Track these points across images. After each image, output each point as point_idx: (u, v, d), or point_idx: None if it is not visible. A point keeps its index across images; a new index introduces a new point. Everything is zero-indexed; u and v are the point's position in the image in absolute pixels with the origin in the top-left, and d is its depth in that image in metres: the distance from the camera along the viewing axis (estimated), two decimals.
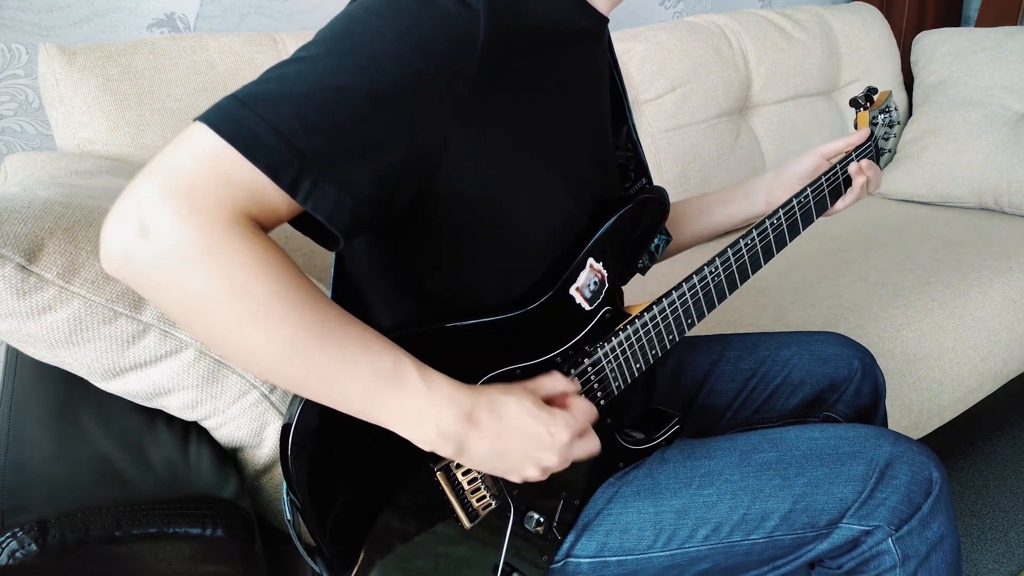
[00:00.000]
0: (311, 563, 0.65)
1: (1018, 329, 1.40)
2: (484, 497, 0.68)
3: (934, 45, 2.00)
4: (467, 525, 0.68)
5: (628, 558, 0.74)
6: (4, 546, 0.54)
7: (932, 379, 1.28)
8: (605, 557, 0.75)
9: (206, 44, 1.23)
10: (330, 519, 0.62)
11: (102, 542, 0.57)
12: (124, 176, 0.98)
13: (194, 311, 0.50)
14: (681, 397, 0.98)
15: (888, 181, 1.94)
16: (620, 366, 0.76)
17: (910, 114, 2.08)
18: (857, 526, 0.75)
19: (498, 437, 0.60)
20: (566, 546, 0.75)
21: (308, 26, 1.55)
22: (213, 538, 0.61)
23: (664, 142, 1.71)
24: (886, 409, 1.02)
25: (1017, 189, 1.73)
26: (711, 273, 0.81)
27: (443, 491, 0.66)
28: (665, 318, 0.78)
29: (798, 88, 1.96)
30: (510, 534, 0.71)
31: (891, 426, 1.19)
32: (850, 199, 0.94)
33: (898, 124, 1.05)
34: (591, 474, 0.76)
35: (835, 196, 0.93)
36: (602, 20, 0.71)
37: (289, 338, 0.51)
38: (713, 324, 1.29)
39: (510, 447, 0.60)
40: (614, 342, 0.75)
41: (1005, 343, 1.38)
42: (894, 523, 0.74)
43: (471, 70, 0.57)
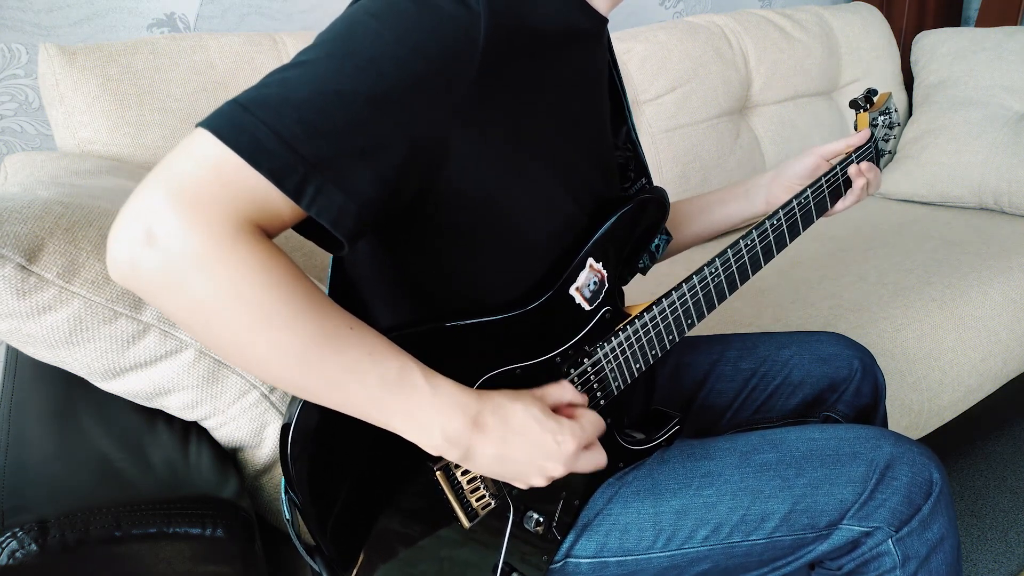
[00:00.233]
0: (311, 563, 0.65)
1: (1018, 329, 1.40)
2: (483, 497, 0.68)
3: (934, 45, 2.00)
4: (466, 525, 0.68)
5: (628, 558, 0.75)
6: (4, 546, 0.54)
7: (932, 379, 1.28)
8: (605, 557, 0.75)
9: (206, 44, 1.23)
10: (330, 519, 0.62)
11: (102, 542, 0.57)
12: (124, 176, 0.98)
13: (202, 319, 0.50)
14: (681, 397, 0.98)
15: (888, 181, 1.94)
16: (620, 366, 0.76)
17: (910, 114, 2.08)
18: (857, 527, 0.74)
19: (504, 443, 0.60)
20: (566, 546, 0.75)
21: (308, 26, 1.55)
22: (213, 538, 0.61)
23: (664, 142, 1.71)
24: (886, 409, 1.02)
25: (1017, 189, 1.73)
26: (711, 273, 0.81)
27: (442, 491, 0.66)
28: (665, 318, 0.78)
29: (798, 88, 1.96)
30: (509, 534, 0.71)
31: (891, 426, 1.19)
32: (850, 200, 0.95)
33: (898, 125, 1.05)
34: (591, 475, 0.76)
35: (835, 197, 0.93)
36: (602, 20, 0.71)
37: (296, 345, 0.52)
38: (713, 324, 1.29)
39: (516, 453, 0.61)
40: (614, 342, 0.75)
41: (1005, 343, 1.38)
42: (894, 524, 0.74)
43: (471, 71, 0.57)
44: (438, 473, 0.65)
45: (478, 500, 0.68)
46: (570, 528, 0.75)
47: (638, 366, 0.78)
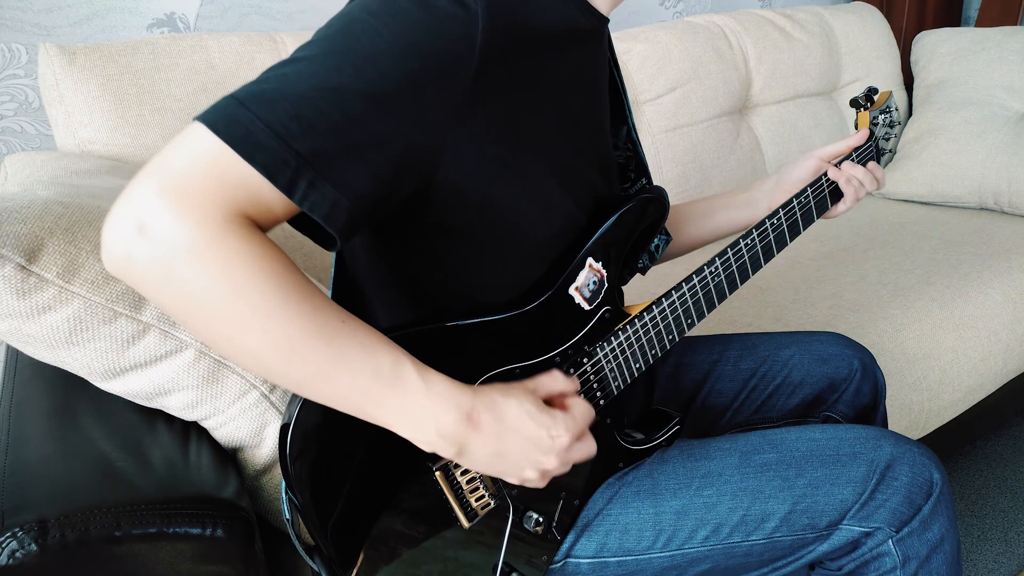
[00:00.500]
0: (310, 563, 0.65)
1: (1018, 329, 1.40)
2: (483, 497, 0.68)
3: (934, 45, 2.00)
4: (465, 525, 0.68)
5: (628, 559, 0.74)
6: (4, 546, 0.54)
7: (932, 379, 1.28)
8: (605, 557, 0.75)
9: (206, 44, 1.23)
10: (329, 519, 0.62)
11: (102, 542, 0.57)
12: (124, 176, 0.98)
13: (193, 310, 0.51)
14: (681, 397, 0.98)
15: (888, 181, 1.94)
16: (620, 366, 0.76)
17: (910, 114, 2.08)
18: (857, 528, 0.74)
19: (498, 438, 0.60)
20: (565, 546, 0.75)
21: (308, 26, 1.55)
22: (213, 538, 0.61)
23: (664, 142, 1.71)
24: (886, 409, 1.02)
25: (1017, 189, 1.73)
26: (711, 273, 0.81)
27: (442, 491, 0.66)
28: (665, 318, 0.78)
29: (798, 88, 1.96)
30: (509, 534, 0.71)
31: (891, 426, 1.19)
32: (850, 202, 0.94)
33: (899, 124, 1.05)
34: (591, 474, 0.76)
35: (836, 197, 0.93)
36: (602, 20, 0.71)
37: (287, 337, 0.52)
38: (713, 324, 1.29)
39: (510, 449, 0.60)
40: (614, 342, 0.75)
41: (1005, 343, 1.38)
42: (894, 525, 0.74)
43: (469, 71, 0.57)
44: (437, 473, 0.65)
45: (477, 500, 0.68)
46: (570, 528, 0.75)
47: (638, 366, 0.78)
